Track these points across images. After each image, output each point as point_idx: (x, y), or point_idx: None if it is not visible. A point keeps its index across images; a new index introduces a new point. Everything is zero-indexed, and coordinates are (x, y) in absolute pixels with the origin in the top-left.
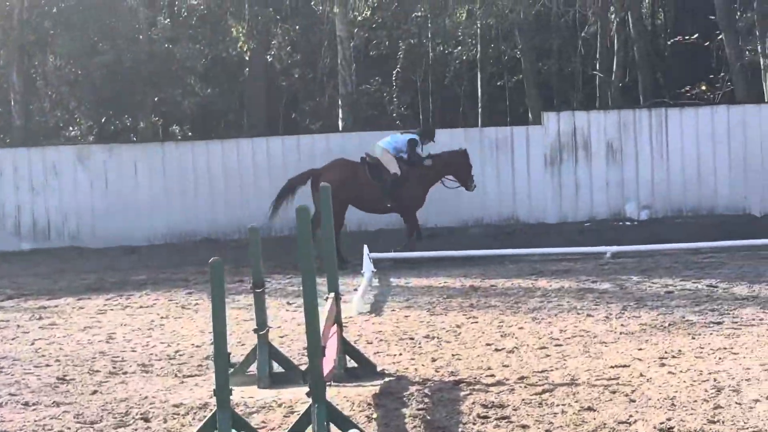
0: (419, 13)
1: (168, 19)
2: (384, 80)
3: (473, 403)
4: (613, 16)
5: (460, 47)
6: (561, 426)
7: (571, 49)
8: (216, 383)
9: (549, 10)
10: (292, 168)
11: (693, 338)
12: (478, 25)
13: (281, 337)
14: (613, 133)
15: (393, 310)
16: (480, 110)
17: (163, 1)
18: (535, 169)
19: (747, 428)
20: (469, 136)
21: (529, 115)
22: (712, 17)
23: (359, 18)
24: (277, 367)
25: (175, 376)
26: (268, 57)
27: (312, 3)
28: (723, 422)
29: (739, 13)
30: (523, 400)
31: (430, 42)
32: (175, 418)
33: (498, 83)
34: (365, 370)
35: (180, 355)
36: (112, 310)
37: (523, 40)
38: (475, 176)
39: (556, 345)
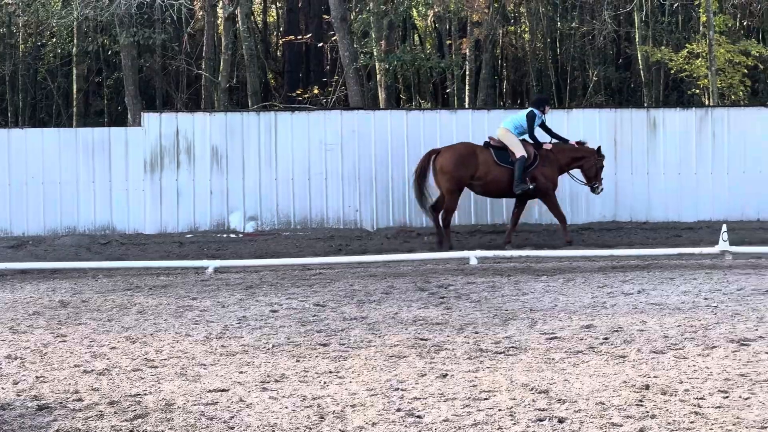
0: (9, 1)
1: None
2: None
3: (57, 430)
4: (221, 12)
5: (54, 39)
6: None
7: (176, 46)
8: None
9: (153, 2)
10: None
11: (298, 361)
12: (75, 16)
13: None
14: (219, 138)
15: None
16: (75, 109)
17: None
18: (134, 175)
19: None
20: (63, 137)
21: (129, 115)
22: (327, 17)
23: None
24: None
25: None
26: None
27: None
28: None
29: (354, 14)
30: (113, 426)
31: (20, 33)
32: None
33: (96, 80)
34: None
35: None
36: None
37: (123, 34)
38: (70, 183)
39: (152, 367)
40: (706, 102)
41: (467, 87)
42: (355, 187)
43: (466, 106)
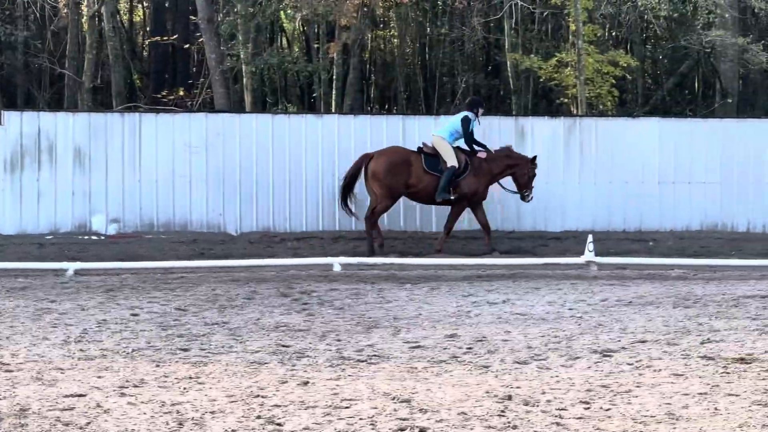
0: None
1: None
2: None
3: None
4: (85, 10)
5: None
6: None
7: (39, 44)
8: None
9: None
10: None
11: (157, 366)
12: None
13: None
14: (82, 139)
15: None
16: None
17: None
18: None
19: None
20: None
21: None
22: (194, 18)
23: None
24: None
25: None
26: None
27: None
28: None
29: (221, 16)
30: None
31: None
32: None
33: None
34: None
35: None
36: None
37: None
38: None
39: (6, 371)
40: (575, 111)
41: (334, 91)
42: (219, 191)
43: (333, 110)
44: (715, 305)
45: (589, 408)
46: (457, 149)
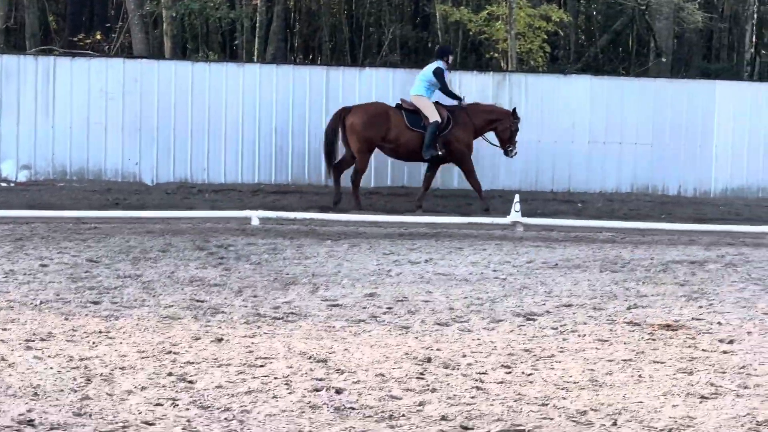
0: None
1: None
2: None
3: None
4: None
5: None
6: None
7: None
8: None
9: None
10: None
11: (66, 319)
12: None
13: None
14: None
15: None
16: None
17: None
18: None
19: (116, 422)
20: None
21: None
22: None
23: None
24: None
25: None
26: None
27: None
28: (90, 415)
29: None
30: None
31: None
32: None
33: None
34: None
35: None
36: None
37: None
38: None
39: None
40: (505, 67)
41: (257, 40)
42: (135, 139)
43: (255, 59)
44: (642, 270)
45: (510, 372)
46: (437, 104)
